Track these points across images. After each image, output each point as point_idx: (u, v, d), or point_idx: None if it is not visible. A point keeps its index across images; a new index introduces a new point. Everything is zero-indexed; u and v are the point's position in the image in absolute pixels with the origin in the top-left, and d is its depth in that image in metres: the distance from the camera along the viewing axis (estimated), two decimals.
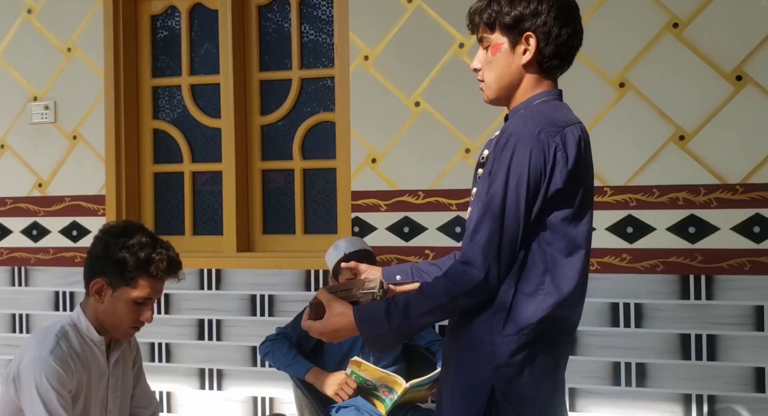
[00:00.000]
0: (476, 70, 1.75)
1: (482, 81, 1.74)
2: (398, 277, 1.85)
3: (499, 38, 1.68)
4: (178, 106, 3.78)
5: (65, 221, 3.71)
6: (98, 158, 3.66)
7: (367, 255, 2.94)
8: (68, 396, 1.97)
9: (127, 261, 2.00)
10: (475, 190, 1.73)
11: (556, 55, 1.66)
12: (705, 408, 2.95)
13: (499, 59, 1.68)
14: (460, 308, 1.62)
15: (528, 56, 1.66)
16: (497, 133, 1.70)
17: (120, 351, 2.16)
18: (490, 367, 1.61)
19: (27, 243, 3.76)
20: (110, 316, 2.05)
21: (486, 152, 1.71)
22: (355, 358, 2.71)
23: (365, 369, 2.67)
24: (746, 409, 2.92)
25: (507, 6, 1.65)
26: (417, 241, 3.25)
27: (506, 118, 1.77)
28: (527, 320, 1.60)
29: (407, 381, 2.63)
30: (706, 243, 2.95)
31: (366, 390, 2.74)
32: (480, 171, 1.72)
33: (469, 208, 1.76)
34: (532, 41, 1.64)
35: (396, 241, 3.27)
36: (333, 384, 2.72)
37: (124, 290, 2.02)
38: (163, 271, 2.04)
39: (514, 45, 1.66)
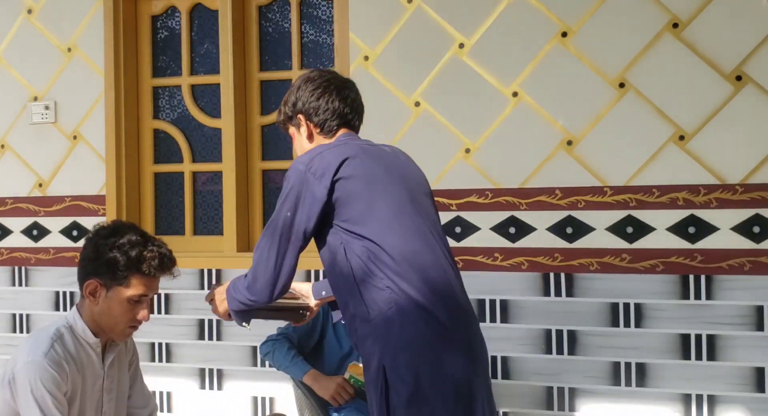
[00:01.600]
0: None
1: None
2: (323, 293, 2.24)
3: (290, 129, 2.23)
4: (179, 106, 3.78)
5: (65, 221, 3.71)
6: (98, 158, 3.66)
7: None
8: (63, 399, 1.96)
9: (119, 260, 2.01)
10: None
11: (326, 120, 2.14)
12: (705, 408, 2.96)
13: (296, 143, 2.23)
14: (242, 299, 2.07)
15: (306, 131, 2.17)
16: None
17: (115, 352, 2.15)
18: (377, 349, 1.93)
19: (27, 243, 3.77)
20: (106, 317, 2.05)
21: None
22: (355, 363, 2.71)
23: None
24: (746, 409, 2.92)
25: (283, 105, 2.21)
26: None
27: None
28: (379, 302, 1.92)
29: None
30: (706, 243, 2.95)
31: (365, 393, 2.73)
32: None
33: None
34: (302, 119, 2.16)
35: None
36: (330, 388, 2.72)
37: (117, 290, 2.02)
38: (156, 269, 2.04)
39: (298, 128, 2.19)
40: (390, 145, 2.23)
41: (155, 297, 3.57)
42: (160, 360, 3.59)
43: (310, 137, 2.16)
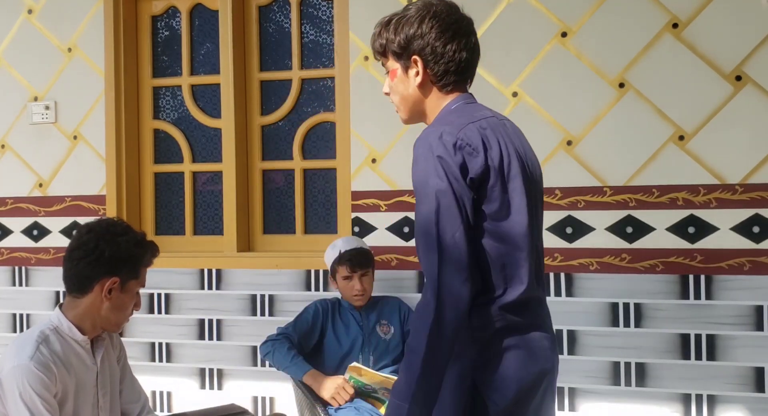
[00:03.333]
0: (387, 94, 1.83)
1: (394, 104, 1.83)
2: None
3: (393, 64, 1.77)
4: (179, 106, 3.78)
5: (66, 221, 3.71)
6: (99, 158, 3.67)
7: (364, 254, 2.94)
8: (53, 401, 1.96)
9: (140, 256, 2.08)
10: None
11: (447, 72, 1.72)
12: (704, 408, 2.96)
13: (397, 83, 1.78)
14: (446, 342, 1.57)
15: (419, 78, 1.73)
16: None
17: (104, 348, 2.17)
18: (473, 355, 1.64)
19: (27, 243, 3.77)
20: (116, 311, 2.08)
21: None
22: (355, 364, 2.71)
23: (365, 374, 2.67)
24: (746, 409, 2.92)
25: (393, 33, 1.74)
26: None
27: None
28: (485, 321, 1.63)
29: None
30: (706, 243, 2.95)
31: (365, 393, 2.74)
32: None
33: None
34: (419, 63, 1.72)
35: (396, 241, 3.28)
36: (330, 388, 2.72)
37: (131, 284, 2.08)
38: (155, 258, 2.15)
39: (406, 69, 1.75)
40: (507, 119, 1.80)
41: (157, 296, 3.60)
42: (160, 360, 3.59)
43: (423, 86, 1.75)
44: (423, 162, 1.61)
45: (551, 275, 3.10)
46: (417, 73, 1.73)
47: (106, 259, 2.04)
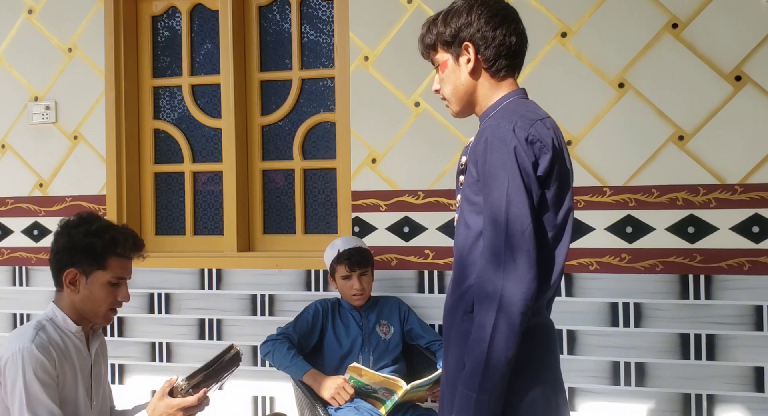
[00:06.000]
0: (437, 91, 1.86)
1: (444, 99, 1.85)
2: None
3: (443, 56, 1.81)
4: (179, 106, 3.78)
5: None
6: (99, 158, 3.67)
7: (363, 254, 2.95)
8: (53, 384, 1.99)
9: (95, 245, 2.08)
10: (459, 196, 1.79)
11: (498, 56, 1.76)
12: (704, 408, 2.96)
13: (449, 74, 1.80)
14: (513, 333, 1.57)
15: (471, 64, 1.76)
16: (472, 139, 1.76)
17: (98, 343, 2.21)
18: None
19: (28, 243, 3.77)
20: (89, 303, 2.10)
21: (464, 159, 1.77)
22: (354, 364, 2.71)
23: (365, 374, 2.67)
24: (745, 409, 2.92)
25: (442, 26, 1.78)
26: (417, 241, 3.26)
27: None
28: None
29: (408, 381, 2.64)
30: (706, 243, 2.96)
31: (365, 393, 2.74)
32: (461, 178, 1.78)
33: (456, 215, 1.80)
34: (471, 49, 1.75)
35: (396, 241, 3.28)
36: (330, 388, 2.72)
37: (97, 274, 2.09)
38: (130, 249, 2.13)
39: (457, 57, 1.78)
40: (550, 118, 1.78)
41: (157, 296, 3.60)
42: (161, 360, 3.59)
43: (474, 72, 1.77)
44: (497, 153, 1.62)
45: None
46: (468, 60, 1.76)
47: (61, 252, 2.11)
